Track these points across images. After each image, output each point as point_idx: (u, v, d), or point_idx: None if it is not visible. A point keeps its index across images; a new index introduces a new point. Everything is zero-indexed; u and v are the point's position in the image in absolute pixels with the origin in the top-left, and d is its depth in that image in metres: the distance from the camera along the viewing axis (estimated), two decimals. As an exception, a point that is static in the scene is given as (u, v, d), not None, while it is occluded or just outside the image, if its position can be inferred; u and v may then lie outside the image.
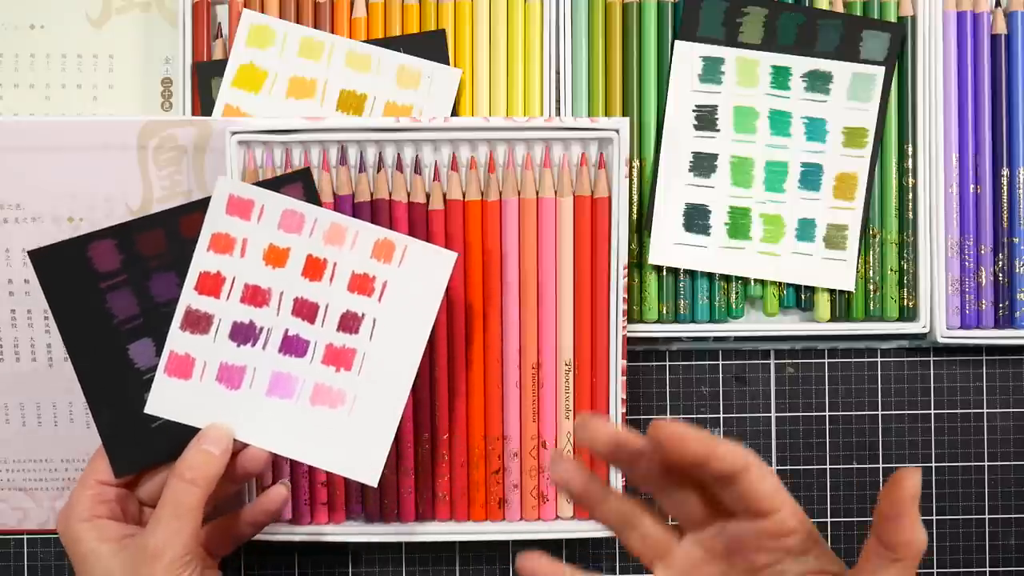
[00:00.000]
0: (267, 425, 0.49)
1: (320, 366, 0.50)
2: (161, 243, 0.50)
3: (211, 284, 0.49)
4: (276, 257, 0.50)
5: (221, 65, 0.57)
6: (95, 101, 0.60)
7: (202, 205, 0.49)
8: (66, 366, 0.57)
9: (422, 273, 0.50)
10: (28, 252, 0.48)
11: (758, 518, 0.36)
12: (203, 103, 0.57)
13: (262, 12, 0.57)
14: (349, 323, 0.50)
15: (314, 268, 0.50)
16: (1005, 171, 0.59)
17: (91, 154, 0.56)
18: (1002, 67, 0.59)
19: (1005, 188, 0.59)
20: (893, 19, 0.58)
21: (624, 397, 0.55)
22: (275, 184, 0.50)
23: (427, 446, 0.56)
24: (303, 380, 0.50)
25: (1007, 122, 0.59)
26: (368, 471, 0.50)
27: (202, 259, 0.49)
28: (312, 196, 0.51)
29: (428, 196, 0.55)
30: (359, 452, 0.50)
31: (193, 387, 0.49)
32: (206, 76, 0.57)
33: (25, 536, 0.59)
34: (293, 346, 0.50)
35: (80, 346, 0.49)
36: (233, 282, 0.50)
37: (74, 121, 0.56)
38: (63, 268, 0.49)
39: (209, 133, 0.56)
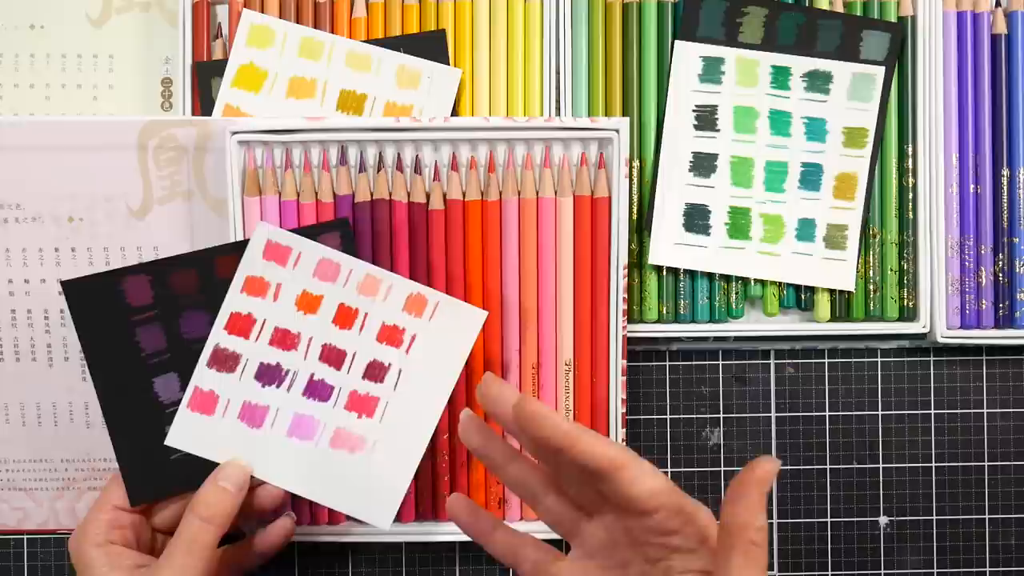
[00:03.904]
0: (285, 465, 0.50)
1: (343, 411, 0.51)
2: (194, 282, 0.50)
3: (241, 325, 0.50)
4: (308, 304, 0.51)
5: (221, 65, 0.57)
6: (95, 101, 0.60)
7: (238, 247, 0.50)
8: (67, 366, 0.57)
9: (451, 329, 0.51)
10: (61, 282, 0.49)
11: (638, 517, 0.36)
12: (203, 103, 0.57)
13: (262, 12, 0.57)
14: (375, 372, 0.51)
15: (345, 317, 0.51)
16: (1005, 171, 0.59)
17: (91, 154, 0.56)
18: (1002, 67, 0.59)
19: (1005, 188, 0.59)
20: (893, 19, 0.58)
21: (624, 397, 0.55)
22: (313, 232, 0.51)
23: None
24: (324, 424, 0.51)
25: (1007, 122, 0.59)
26: (381, 515, 0.51)
27: (235, 300, 0.50)
28: (349, 246, 0.51)
29: (428, 196, 0.55)
30: (374, 496, 0.51)
31: (215, 423, 0.50)
32: (206, 76, 0.57)
33: (25, 536, 0.59)
34: (317, 390, 0.51)
35: (106, 376, 0.50)
36: (264, 324, 0.50)
37: (74, 121, 0.56)
38: (95, 300, 0.50)
39: (209, 133, 0.56)
